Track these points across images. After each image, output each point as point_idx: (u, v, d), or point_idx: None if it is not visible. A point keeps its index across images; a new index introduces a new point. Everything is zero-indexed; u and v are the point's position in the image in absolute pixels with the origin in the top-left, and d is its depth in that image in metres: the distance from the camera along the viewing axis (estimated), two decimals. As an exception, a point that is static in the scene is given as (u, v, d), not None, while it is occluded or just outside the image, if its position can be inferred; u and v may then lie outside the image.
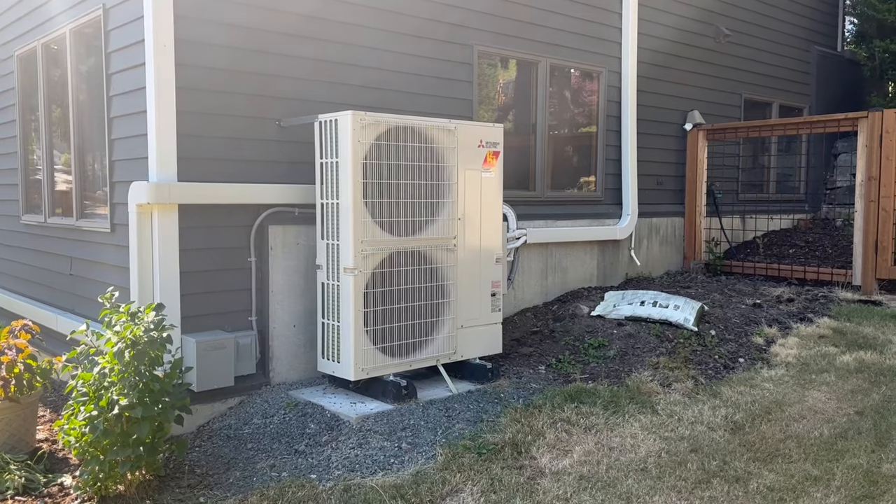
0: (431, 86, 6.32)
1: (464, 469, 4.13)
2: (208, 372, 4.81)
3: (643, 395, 5.16)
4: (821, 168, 11.37)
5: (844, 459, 4.23)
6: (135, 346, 3.82)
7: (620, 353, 5.89)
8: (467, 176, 5.41)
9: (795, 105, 10.80)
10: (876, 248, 7.50)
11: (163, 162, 4.76)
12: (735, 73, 9.64)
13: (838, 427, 4.65)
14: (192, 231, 4.94)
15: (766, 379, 5.47)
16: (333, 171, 4.89)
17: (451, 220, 5.33)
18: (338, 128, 4.83)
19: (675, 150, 8.88)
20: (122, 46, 5.15)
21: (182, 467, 4.41)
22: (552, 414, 4.82)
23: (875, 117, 7.46)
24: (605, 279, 7.98)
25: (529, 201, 7.22)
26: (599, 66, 7.80)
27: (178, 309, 4.87)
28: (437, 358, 5.31)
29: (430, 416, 4.78)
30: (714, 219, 9.20)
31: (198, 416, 4.92)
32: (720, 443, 4.47)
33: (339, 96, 5.64)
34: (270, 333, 5.30)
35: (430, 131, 5.16)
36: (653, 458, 4.27)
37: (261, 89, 5.24)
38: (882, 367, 5.60)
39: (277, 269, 5.33)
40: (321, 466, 4.29)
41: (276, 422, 4.83)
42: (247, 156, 5.20)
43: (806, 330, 6.45)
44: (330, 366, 5.04)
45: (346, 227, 4.82)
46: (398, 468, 4.21)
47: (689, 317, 6.33)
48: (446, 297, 5.34)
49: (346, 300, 4.85)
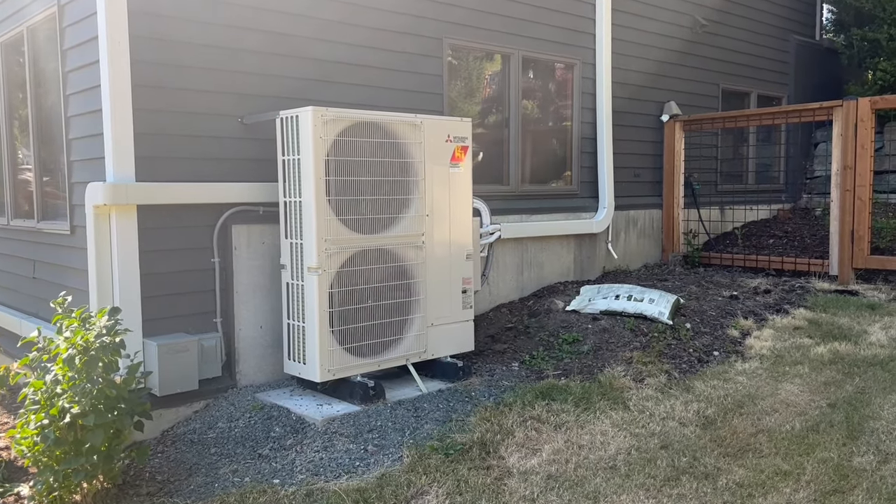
0: (400, 80, 6.21)
1: (430, 471, 4.05)
2: (171, 376, 4.71)
3: (615, 390, 5.09)
4: (800, 157, 11.35)
5: (815, 453, 4.18)
6: (86, 353, 3.71)
7: (594, 349, 5.82)
8: (435, 171, 5.31)
9: (774, 95, 10.76)
10: (852, 237, 7.47)
11: (119, 162, 4.65)
12: (712, 64, 9.59)
13: (810, 420, 4.60)
14: (153, 232, 4.83)
15: (740, 372, 5.42)
16: (295, 168, 4.79)
17: (419, 216, 5.24)
18: (299, 124, 4.72)
19: (653, 141, 8.82)
20: (77, 43, 5.02)
21: (143, 474, 4.31)
22: (522, 412, 4.75)
23: (850, 106, 7.42)
24: (583, 273, 7.92)
25: (504, 196, 7.14)
26: (573, 59, 7.71)
27: (139, 312, 4.76)
28: (406, 357, 5.23)
29: (398, 417, 4.70)
30: (693, 210, 9.15)
31: (162, 421, 4.82)
32: (691, 438, 4.41)
33: (306, 92, 5.53)
34: (236, 335, 5.20)
35: (394, 126, 5.07)
36: (622, 456, 4.20)
37: (222, 86, 5.13)
38: (856, 358, 5.56)
39: (242, 270, 5.22)
40: (285, 471, 4.20)
41: (241, 425, 4.74)
42: (208, 154, 5.09)
43: (781, 321, 6.41)
44: (296, 367, 4.94)
45: (308, 226, 4.72)
46: (363, 471, 4.13)
47: (665, 310, 6.27)
48: (415, 295, 5.25)
49: (311, 300, 4.76)
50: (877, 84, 10.50)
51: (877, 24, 10.96)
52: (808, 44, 11.46)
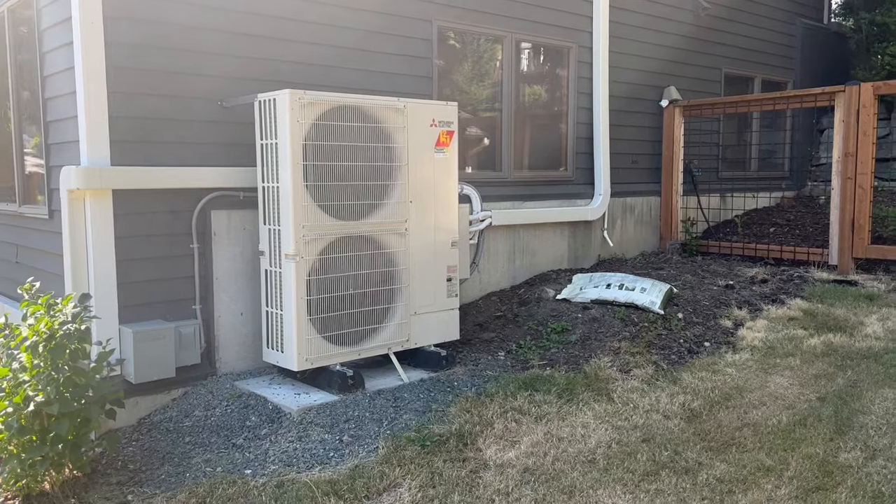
0: (389, 63, 6.08)
1: (404, 462, 3.97)
2: (147, 363, 4.64)
3: (600, 381, 4.99)
4: (806, 144, 11.14)
5: (801, 448, 4.07)
6: (51, 340, 3.64)
7: (583, 338, 5.72)
8: (419, 157, 5.20)
9: (779, 80, 10.53)
10: (853, 226, 7.30)
11: (93, 145, 4.56)
12: (715, 48, 9.37)
13: (798, 414, 4.48)
14: (129, 217, 4.75)
15: (730, 364, 5.30)
16: (273, 152, 4.69)
17: (402, 203, 5.12)
18: (276, 107, 4.61)
19: (652, 127, 8.64)
20: (53, 24, 4.92)
21: (115, 462, 4.25)
22: (504, 403, 4.66)
23: (852, 91, 7.22)
24: (577, 261, 7.80)
25: (496, 182, 7.01)
26: (569, 42, 7.54)
27: (114, 298, 4.69)
28: (388, 346, 5.14)
29: (376, 407, 4.62)
30: (692, 198, 8.99)
31: (139, 409, 4.76)
32: (674, 432, 4.31)
33: (290, 75, 5.41)
34: (216, 322, 5.13)
35: (377, 110, 4.95)
36: (602, 449, 4.11)
37: (201, 68, 5.02)
38: (850, 351, 5.43)
39: (222, 256, 5.14)
40: (257, 461, 4.13)
41: (217, 414, 4.67)
42: (187, 138, 4.99)
43: (776, 312, 6.27)
44: (274, 356, 4.87)
45: (286, 212, 4.63)
46: (336, 462, 4.05)
47: (656, 300, 6.15)
48: (398, 283, 5.15)
49: (289, 288, 4.67)
50: (885, 69, 10.26)
51: (886, 7, 10.70)
52: (815, 27, 11.20)
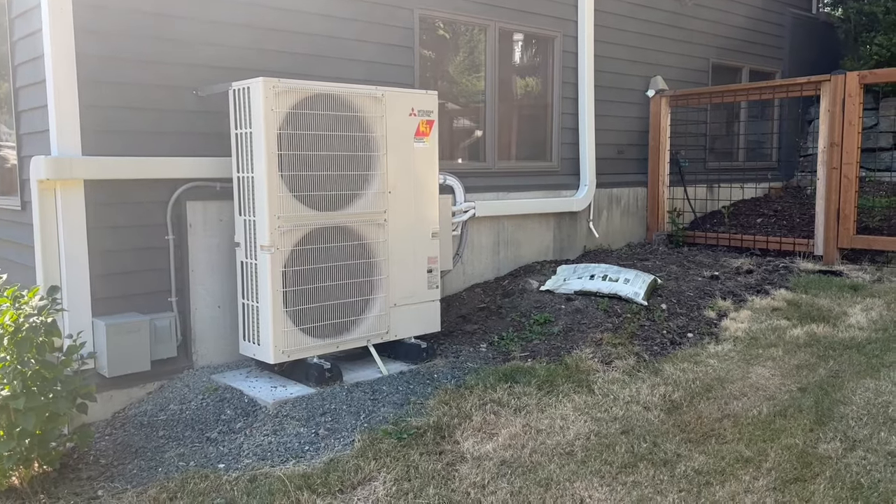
0: (369, 52, 6.00)
1: (380, 456, 3.92)
2: (121, 357, 4.57)
3: (581, 373, 4.95)
4: (794, 134, 11.10)
5: (780, 439, 4.03)
6: (18, 333, 3.56)
7: (565, 330, 5.67)
8: (398, 146, 5.13)
9: (767, 70, 10.48)
10: (838, 216, 7.27)
11: (64, 135, 4.47)
12: (702, 37, 9.32)
13: (779, 405, 4.45)
14: (102, 208, 4.67)
15: (712, 355, 5.27)
16: (247, 142, 4.61)
17: (381, 193, 5.06)
18: (250, 96, 4.53)
19: (638, 117, 8.58)
20: (23, 11, 4.82)
21: (87, 457, 4.19)
22: (483, 395, 4.61)
23: (838, 81, 7.17)
24: (562, 252, 7.75)
25: (479, 173, 6.95)
26: (554, 31, 7.47)
27: (87, 291, 4.61)
28: (367, 338, 5.08)
29: (353, 400, 4.56)
30: (679, 188, 8.95)
31: (113, 403, 4.70)
32: (654, 423, 4.27)
33: (267, 64, 5.33)
34: (193, 315, 5.06)
35: (354, 99, 4.87)
36: (581, 441, 4.06)
37: (175, 56, 4.93)
38: (832, 341, 5.40)
39: (199, 248, 5.06)
40: (231, 455, 4.07)
41: (192, 407, 4.61)
42: (162, 127, 4.91)
43: (760, 302, 6.24)
44: (251, 348, 4.80)
45: (261, 203, 4.55)
46: (311, 456, 4.00)
47: (640, 290, 6.11)
48: (377, 274, 5.09)
49: (264, 280, 4.60)
50: (872, 59, 10.22)
51: (874, -4, 10.66)
52: (804, 17, 11.15)
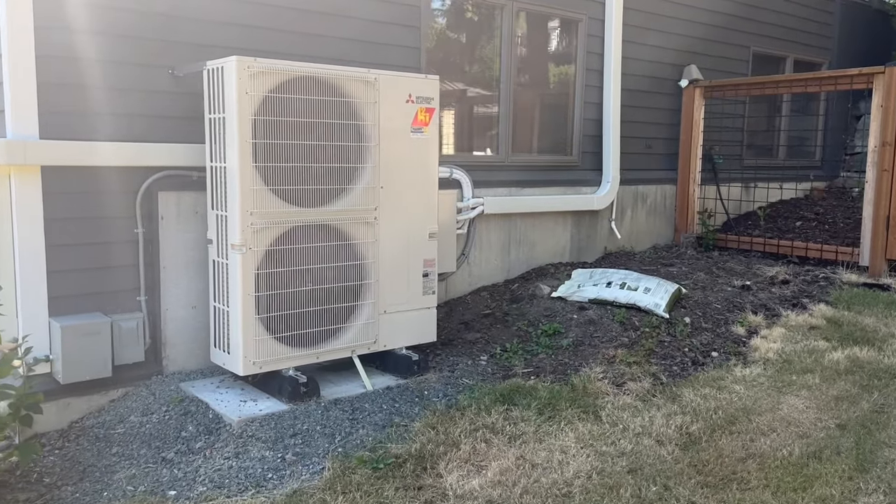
0: (369, 31, 5.48)
1: (350, 489, 3.45)
2: (77, 362, 4.16)
3: (588, 396, 4.41)
4: (841, 131, 10.32)
5: (814, 488, 3.46)
6: (-61, 340, 3.16)
7: (575, 343, 5.12)
8: (392, 137, 4.61)
9: (814, 60, 9.72)
10: (887, 224, 6.57)
11: (18, 116, 4.05)
12: (743, 24, 8.61)
13: (813, 444, 3.87)
14: (61, 197, 4.24)
15: (738, 379, 4.68)
16: (220, 128, 4.14)
17: (371, 188, 4.56)
18: (223, 76, 4.06)
19: (669, 109, 7.94)
20: (-17, -21, 4.40)
21: (31, 475, 3.78)
22: (475, 419, 4.10)
23: (893, 73, 6.46)
24: (580, 254, 7.17)
25: (490, 166, 6.41)
26: (578, 12, 6.87)
27: (43, 288, 4.20)
28: (352, 349, 4.60)
29: (330, 420, 4.09)
30: (711, 187, 8.29)
31: (70, 411, 4.29)
32: (667, 461, 3.72)
33: (255, 42, 4.85)
34: (163, 316, 4.63)
35: (342, 82, 4.37)
36: (580, 481, 3.54)
37: (148, 31, 4.47)
38: (878, 368, 4.77)
39: (171, 242, 4.62)
40: (185, 480, 3.63)
41: (154, 420, 4.18)
42: (132, 110, 4.46)
43: (796, 319, 5.61)
44: (221, 356, 4.36)
45: (232, 196, 4.09)
46: (274, 485, 3.54)
47: (661, 301, 5.53)
48: (365, 278, 4.60)
49: (235, 282, 4.14)
50: (931, 51, 9.40)
51: (935, -18, 9.80)
52: (856, 4, 10.33)
